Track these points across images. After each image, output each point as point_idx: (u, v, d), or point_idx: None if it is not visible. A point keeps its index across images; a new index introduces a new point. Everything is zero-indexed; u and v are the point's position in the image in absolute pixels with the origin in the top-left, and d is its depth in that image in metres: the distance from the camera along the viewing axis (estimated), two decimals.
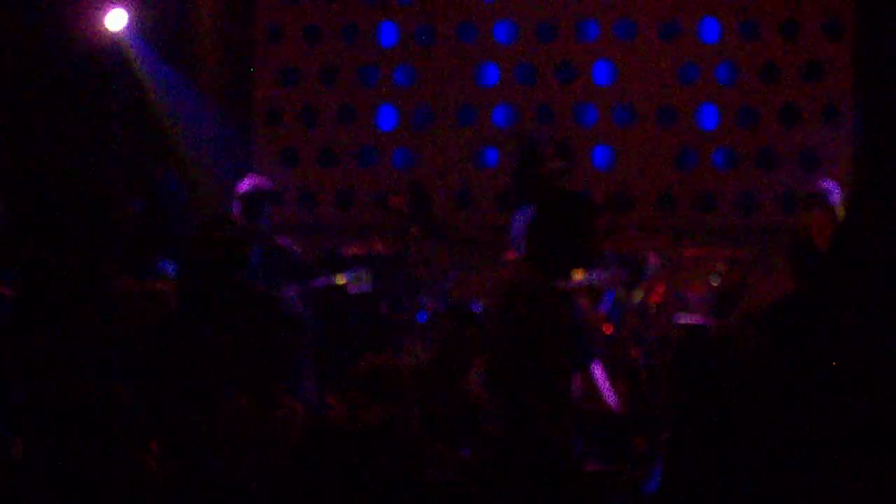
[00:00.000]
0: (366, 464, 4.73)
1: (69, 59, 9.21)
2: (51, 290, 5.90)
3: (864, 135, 9.52)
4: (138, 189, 8.14)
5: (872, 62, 9.53)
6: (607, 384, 7.19)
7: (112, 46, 9.45)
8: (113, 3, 9.37)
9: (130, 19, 9.46)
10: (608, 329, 7.79)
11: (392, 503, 4.73)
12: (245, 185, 8.01)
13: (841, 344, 4.07)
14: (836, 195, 7.80)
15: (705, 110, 9.99)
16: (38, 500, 3.87)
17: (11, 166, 8.64)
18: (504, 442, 4.85)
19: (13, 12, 8.87)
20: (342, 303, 8.34)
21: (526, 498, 4.78)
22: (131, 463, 3.98)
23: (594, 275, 7.63)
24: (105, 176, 9.33)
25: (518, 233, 7.40)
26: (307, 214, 10.32)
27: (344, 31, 10.39)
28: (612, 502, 5.02)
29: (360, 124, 10.38)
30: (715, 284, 8.17)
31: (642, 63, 10.01)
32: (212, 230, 5.84)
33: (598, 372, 7.18)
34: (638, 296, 7.98)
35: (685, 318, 8.04)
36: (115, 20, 9.45)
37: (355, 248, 8.93)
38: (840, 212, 7.74)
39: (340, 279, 8.18)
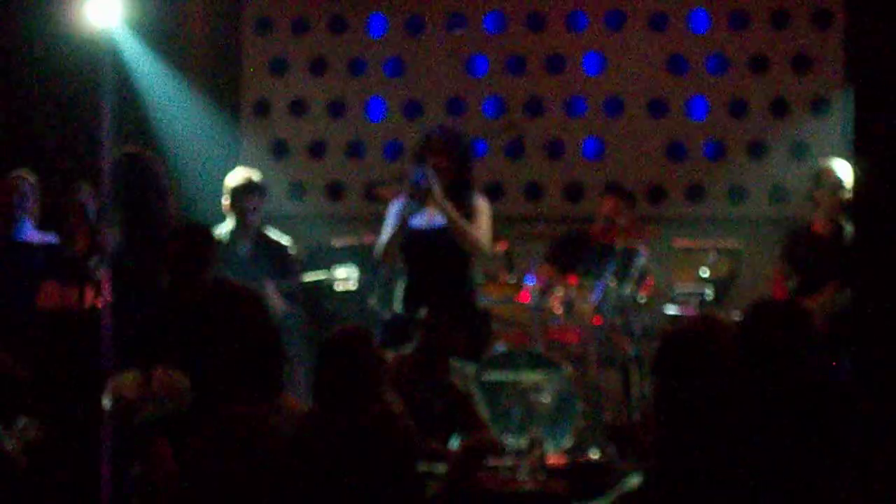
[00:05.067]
0: (359, 459, 4.72)
1: (56, 51, 9.17)
2: None
3: (855, 125, 9.48)
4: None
5: (863, 52, 9.48)
6: None
7: (99, 39, 9.38)
8: None
9: (118, 12, 9.41)
10: (597, 321, 7.78)
11: (385, 498, 4.71)
12: (233, 178, 8.00)
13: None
14: (843, 174, 7.76)
15: (695, 101, 9.97)
16: None
17: None
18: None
19: None
20: (329, 298, 8.34)
21: None
22: None
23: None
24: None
25: None
26: (296, 206, 10.28)
27: (332, 22, 10.34)
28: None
29: (350, 116, 10.34)
30: (705, 276, 8.15)
31: (632, 54, 9.99)
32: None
33: None
34: (627, 287, 7.95)
35: (674, 310, 8.03)
36: (103, 13, 9.39)
37: (345, 239, 8.92)
38: (846, 193, 7.68)
39: (325, 276, 8.18)
